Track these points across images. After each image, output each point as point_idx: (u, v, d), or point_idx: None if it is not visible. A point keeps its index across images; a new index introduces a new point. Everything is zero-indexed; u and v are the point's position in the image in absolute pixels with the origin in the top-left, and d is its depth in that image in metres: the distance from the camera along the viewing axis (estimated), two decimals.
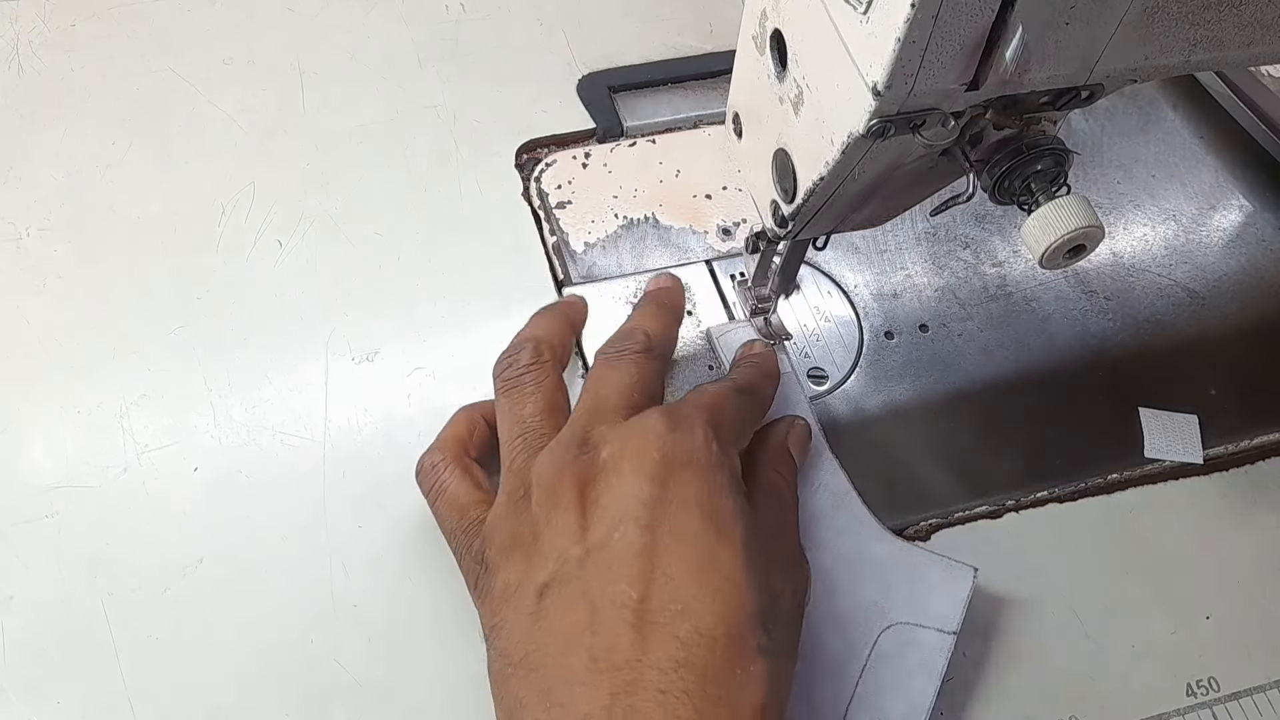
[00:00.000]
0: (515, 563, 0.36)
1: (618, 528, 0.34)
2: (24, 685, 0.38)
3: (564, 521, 0.35)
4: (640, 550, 0.34)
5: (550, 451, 0.37)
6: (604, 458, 0.36)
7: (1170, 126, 0.59)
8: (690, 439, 0.36)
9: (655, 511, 0.34)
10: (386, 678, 0.40)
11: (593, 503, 0.35)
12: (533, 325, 0.45)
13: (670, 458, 0.35)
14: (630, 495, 0.35)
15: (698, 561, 0.34)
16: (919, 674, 0.40)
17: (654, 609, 0.33)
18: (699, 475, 0.36)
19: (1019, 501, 0.46)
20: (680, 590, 0.33)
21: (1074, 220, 0.32)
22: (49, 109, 0.51)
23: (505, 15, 0.57)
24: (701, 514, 0.35)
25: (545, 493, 0.36)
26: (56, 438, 0.43)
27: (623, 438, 0.36)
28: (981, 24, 0.28)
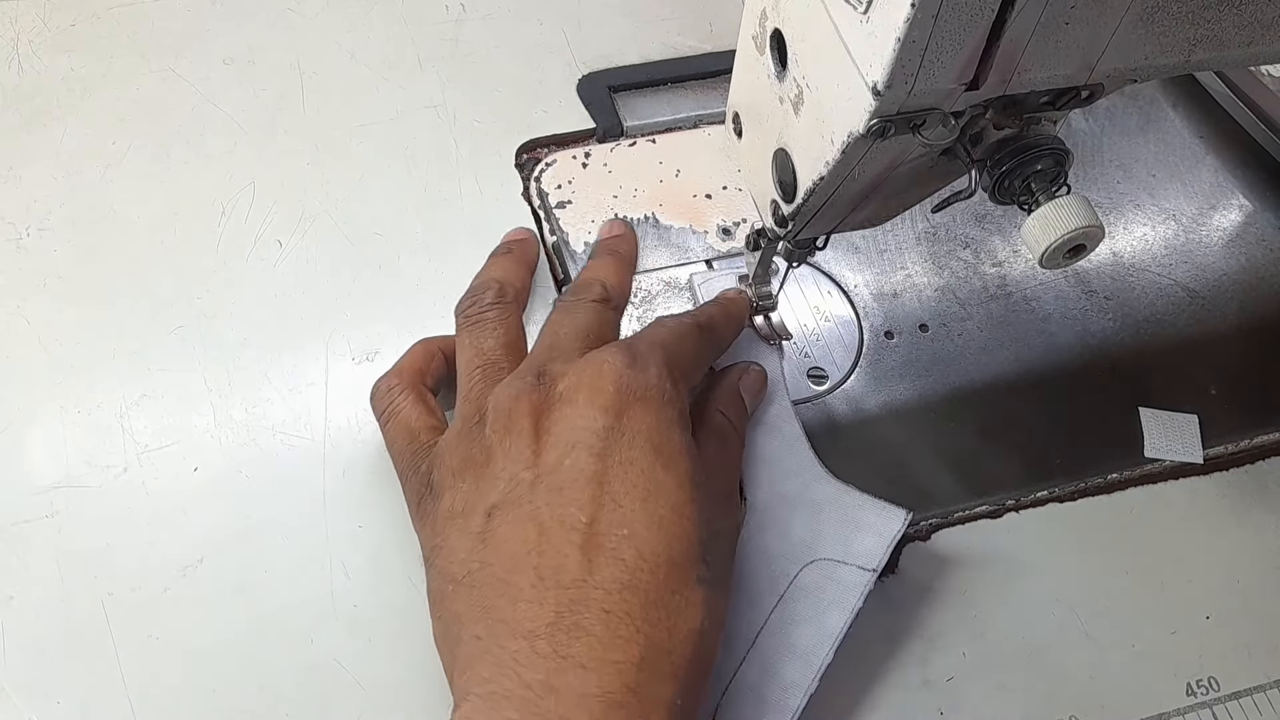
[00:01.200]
0: (464, 484, 0.37)
1: (569, 454, 0.35)
2: (24, 685, 0.38)
3: (517, 447, 0.36)
4: (591, 476, 0.35)
5: (508, 382, 0.38)
6: (560, 389, 0.37)
7: (1170, 126, 0.59)
8: (645, 375, 0.37)
9: (607, 441, 0.35)
10: (386, 678, 0.40)
11: (546, 431, 0.36)
12: (492, 268, 0.46)
13: (624, 391, 0.37)
14: (583, 424, 0.36)
15: (645, 491, 0.35)
16: (832, 609, 0.40)
17: (601, 533, 0.34)
18: (651, 410, 0.37)
19: (1019, 501, 0.46)
20: (627, 517, 0.34)
21: (1074, 220, 0.32)
22: (49, 109, 0.51)
23: (505, 15, 0.57)
24: (651, 446, 0.36)
25: (500, 418, 0.37)
26: (56, 438, 0.43)
27: (580, 370, 0.37)
28: (981, 24, 0.28)
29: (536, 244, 0.49)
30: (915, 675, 0.42)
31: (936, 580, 0.44)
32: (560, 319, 0.42)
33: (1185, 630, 0.44)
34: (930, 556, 0.44)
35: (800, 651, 0.40)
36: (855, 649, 0.42)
